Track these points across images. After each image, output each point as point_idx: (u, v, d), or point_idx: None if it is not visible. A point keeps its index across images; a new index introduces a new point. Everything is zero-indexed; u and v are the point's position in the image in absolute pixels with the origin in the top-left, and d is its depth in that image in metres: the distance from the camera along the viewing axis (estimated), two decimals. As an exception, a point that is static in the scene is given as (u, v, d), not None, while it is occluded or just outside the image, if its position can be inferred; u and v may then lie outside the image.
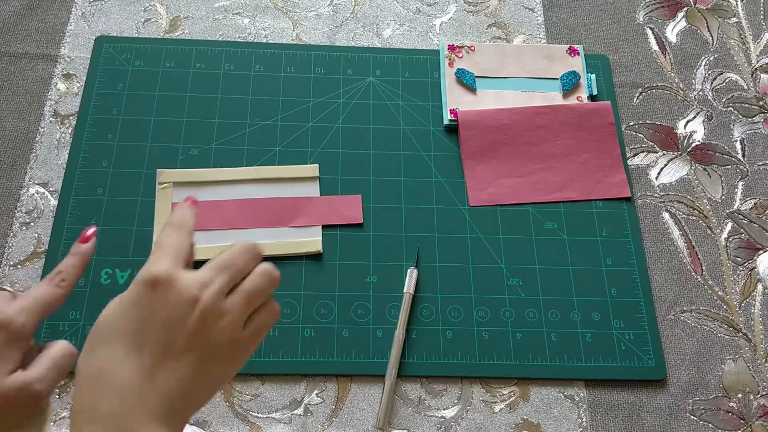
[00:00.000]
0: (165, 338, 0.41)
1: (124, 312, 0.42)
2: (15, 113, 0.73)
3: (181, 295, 0.42)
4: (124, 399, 0.40)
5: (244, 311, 0.44)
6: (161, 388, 0.41)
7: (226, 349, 0.43)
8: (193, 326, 0.42)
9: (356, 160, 0.73)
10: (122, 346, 0.41)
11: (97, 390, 0.41)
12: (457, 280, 0.68)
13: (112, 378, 0.41)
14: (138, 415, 0.40)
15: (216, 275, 0.44)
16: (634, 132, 0.78)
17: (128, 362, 0.41)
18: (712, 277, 0.71)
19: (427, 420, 0.62)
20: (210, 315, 0.43)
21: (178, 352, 0.42)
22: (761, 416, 0.64)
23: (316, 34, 0.80)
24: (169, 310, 0.42)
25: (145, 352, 0.41)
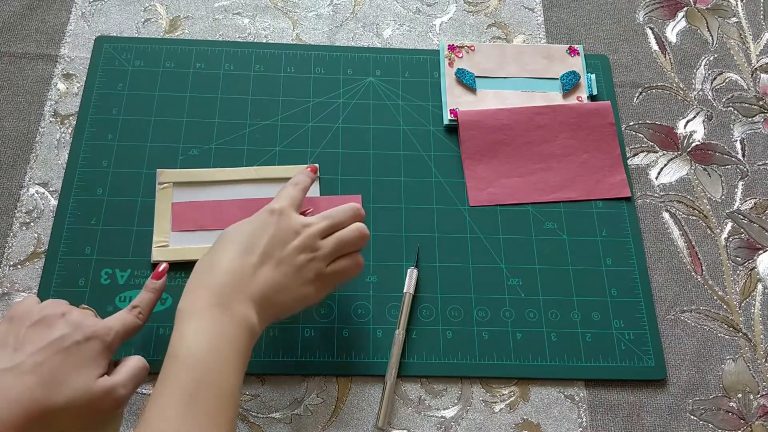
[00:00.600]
0: (269, 248, 0.55)
1: (243, 228, 0.56)
2: (15, 113, 0.73)
3: (288, 222, 0.56)
4: (230, 279, 0.52)
5: (333, 252, 0.57)
6: (259, 282, 0.53)
7: (311, 276, 0.56)
8: (290, 248, 0.55)
9: (356, 160, 0.73)
10: (238, 248, 0.54)
11: (212, 271, 0.53)
12: (457, 280, 0.68)
13: (225, 265, 0.53)
14: (238, 293, 0.52)
15: (319, 221, 0.58)
16: (634, 132, 0.78)
17: (240, 258, 0.54)
18: (712, 277, 0.71)
19: (427, 420, 0.62)
20: (305, 244, 0.56)
21: (277, 262, 0.54)
22: (761, 416, 0.64)
23: (316, 34, 0.80)
24: (276, 229, 0.56)
25: (254, 254, 0.54)
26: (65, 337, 0.50)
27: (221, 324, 0.50)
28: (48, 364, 0.49)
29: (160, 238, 0.67)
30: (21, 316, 0.52)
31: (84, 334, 0.51)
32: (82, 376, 0.49)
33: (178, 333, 0.50)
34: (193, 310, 0.51)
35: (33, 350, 0.49)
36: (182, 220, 0.68)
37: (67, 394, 0.48)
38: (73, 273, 0.65)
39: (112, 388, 0.50)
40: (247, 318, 0.51)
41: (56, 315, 0.52)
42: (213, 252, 0.55)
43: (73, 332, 0.51)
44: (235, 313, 0.51)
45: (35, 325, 0.51)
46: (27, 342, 0.50)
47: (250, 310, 0.52)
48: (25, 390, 0.47)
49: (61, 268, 0.65)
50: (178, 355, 0.49)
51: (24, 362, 0.49)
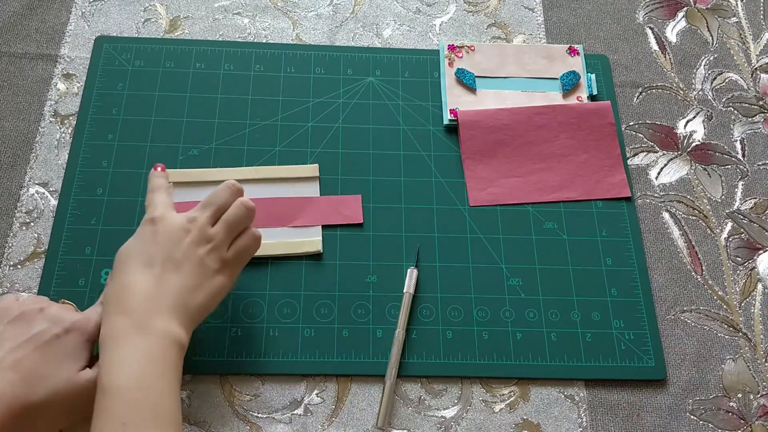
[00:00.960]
0: (167, 253, 0.54)
1: (133, 245, 0.55)
2: (15, 113, 0.73)
3: (173, 224, 0.55)
4: (143, 298, 0.51)
5: (227, 236, 0.57)
6: (169, 290, 0.52)
7: (216, 266, 0.55)
8: (185, 245, 0.54)
9: (356, 160, 0.73)
10: (137, 265, 0.53)
11: (122, 297, 0.52)
12: (457, 280, 0.68)
13: (133, 286, 0.52)
14: (155, 309, 0.51)
15: (201, 211, 0.57)
16: (634, 132, 0.78)
17: (143, 274, 0.53)
18: (712, 277, 0.71)
19: (427, 420, 0.62)
20: (199, 237, 0.55)
21: (177, 264, 0.53)
22: (761, 416, 0.64)
23: (316, 34, 0.80)
24: (165, 235, 0.54)
25: (155, 265, 0.53)
26: (44, 331, 0.51)
27: (144, 346, 0.49)
28: (28, 359, 0.49)
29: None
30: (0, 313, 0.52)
31: (63, 327, 0.51)
32: (64, 370, 0.50)
33: (104, 363, 0.49)
34: (115, 338, 0.50)
35: (12, 346, 0.50)
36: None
37: (49, 388, 0.49)
38: (73, 273, 0.65)
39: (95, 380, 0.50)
40: (169, 332, 0.51)
41: (35, 310, 0.52)
42: (115, 277, 0.54)
43: (52, 326, 0.51)
44: (157, 330, 0.50)
45: (14, 322, 0.51)
46: (6, 339, 0.50)
47: (171, 322, 0.51)
48: (6, 386, 0.48)
49: (61, 268, 0.65)
50: (106, 388, 0.47)
51: (3, 359, 0.49)
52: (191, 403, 0.61)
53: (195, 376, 0.62)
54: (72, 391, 0.50)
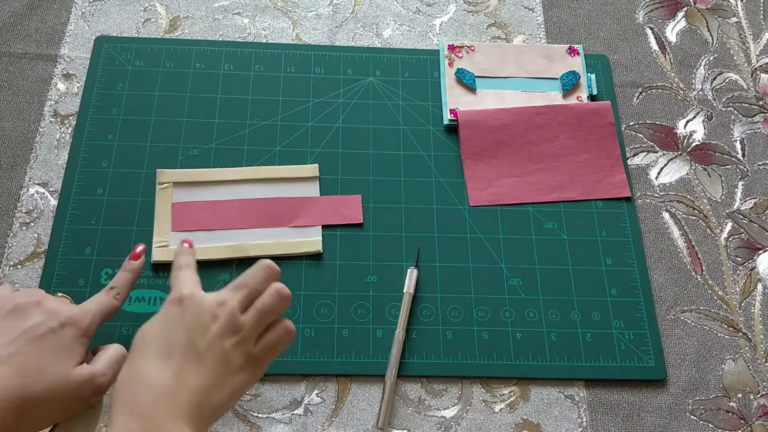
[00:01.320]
0: (188, 342, 0.48)
1: (155, 327, 0.49)
2: (15, 113, 0.73)
3: (201, 307, 0.49)
4: (157, 397, 0.45)
5: (257, 327, 0.51)
6: (187, 389, 0.46)
7: (240, 361, 0.49)
8: (211, 335, 0.48)
9: (356, 160, 0.73)
10: (155, 353, 0.47)
11: (134, 390, 0.46)
12: (457, 280, 0.68)
13: (147, 378, 0.46)
14: (167, 411, 0.45)
15: (233, 294, 0.51)
16: (634, 132, 0.78)
17: (159, 365, 0.47)
18: (712, 277, 0.71)
19: (427, 420, 0.62)
20: (226, 328, 0.49)
21: (200, 356, 0.47)
22: (761, 416, 0.64)
23: (316, 34, 0.80)
24: (191, 318, 0.49)
25: (173, 356, 0.47)
26: (39, 324, 0.49)
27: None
28: (23, 353, 0.48)
29: (160, 238, 0.67)
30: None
31: (59, 321, 0.50)
32: (59, 365, 0.49)
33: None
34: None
35: (7, 341, 0.48)
36: (182, 220, 0.67)
37: (44, 383, 0.48)
38: (73, 273, 0.65)
39: (91, 377, 0.49)
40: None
41: (30, 303, 0.51)
42: (131, 364, 0.48)
43: (48, 320, 0.50)
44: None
45: (9, 315, 0.50)
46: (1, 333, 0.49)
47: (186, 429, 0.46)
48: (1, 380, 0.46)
49: (61, 268, 0.65)
50: None
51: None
52: None
53: (195, 376, 0.62)
54: (67, 386, 0.48)
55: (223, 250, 0.66)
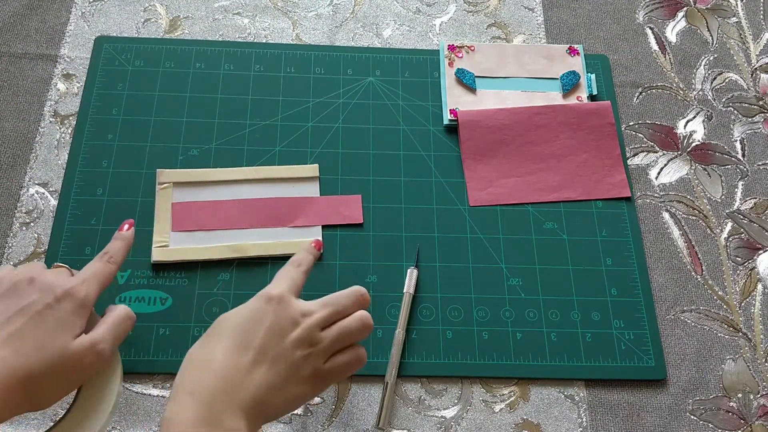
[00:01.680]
0: (265, 342, 0.50)
1: (238, 317, 0.51)
2: (15, 113, 0.73)
3: (287, 312, 0.51)
4: (222, 384, 0.48)
5: (332, 346, 0.53)
6: (251, 386, 0.48)
7: (307, 374, 0.51)
8: (287, 341, 0.51)
9: (356, 160, 0.73)
10: (232, 343, 0.50)
11: (203, 371, 0.48)
12: (457, 280, 0.68)
13: (218, 365, 0.48)
14: (229, 401, 0.47)
15: (320, 309, 0.53)
16: (634, 132, 0.78)
17: (233, 356, 0.49)
18: (712, 277, 0.71)
19: (427, 420, 0.62)
20: (304, 337, 0.51)
21: (271, 359, 0.50)
22: (761, 416, 0.64)
23: (316, 34, 0.80)
24: (274, 321, 0.51)
25: (248, 351, 0.49)
26: (36, 302, 0.49)
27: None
28: (21, 332, 0.48)
29: (160, 238, 0.67)
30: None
31: (55, 295, 0.50)
32: (58, 339, 0.49)
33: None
34: (179, 426, 0.46)
35: (3, 320, 0.48)
36: (182, 220, 0.67)
37: (45, 359, 0.48)
38: (73, 273, 0.65)
39: (91, 345, 0.50)
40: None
41: (25, 281, 0.51)
42: (204, 345, 0.51)
43: (43, 296, 0.50)
44: (224, 430, 0.46)
45: (5, 295, 0.50)
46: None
47: (241, 422, 0.47)
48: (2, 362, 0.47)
49: (61, 268, 0.65)
50: None
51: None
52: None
53: (195, 376, 0.62)
54: (68, 360, 0.49)
55: (223, 250, 0.66)
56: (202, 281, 0.66)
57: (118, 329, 0.52)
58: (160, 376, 0.62)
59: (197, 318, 0.64)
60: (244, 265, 0.67)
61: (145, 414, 0.60)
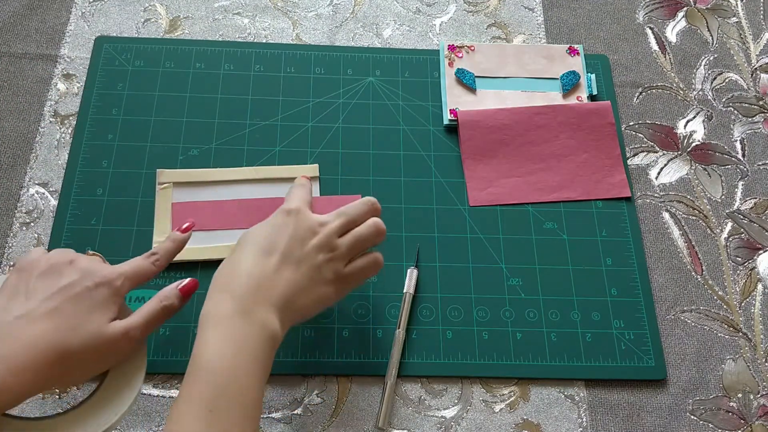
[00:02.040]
0: (289, 248, 0.55)
1: (262, 230, 0.57)
2: (15, 113, 0.73)
3: (305, 221, 0.57)
4: (252, 283, 0.53)
5: (350, 250, 0.58)
6: (279, 284, 0.53)
7: (330, 276, 0.56)
8: (309, 247, 0.56)
9: (356, 160, 0.73)
10: (258, 249, 0.55)
11: (233, 273, 0.54)
12: (457, 280, 0.68)
13: (246, 268, 0.54)
14: (259, 297, 0.52)
15: (335, 218, 0.58)
16: (634, 132, 0.78)
17: (260, 259, 0.54)
18: (712, 277, 0.71)
19: (427, 420, 0.62)
20: (323, 243, 0.56)
21: (296, 262, 0.55)
22: (761, 416, 0.64)
23: (316, 34, 0.80)
24: (295, 229, 0.56)
25: (273, 255, 0.54)
26: (75, 283, 0.52)
27: (244, 332, 0.50)
28: (60, 309, 0.50)
29: (160, 238, 0.67)
30: (29, 266, 0.53)
31: (94, 280, 0.52)
32: (94, 321, 0.51)
33: (201, 340, 0.50)
34: (216, 317, 0.51)
35: (44, 297, 0.50)
36: (182, 220, 0.67)
37: (82, 337, 0.50)
38: (73, 273, 0.65)
39: (125, 331, 0.52)
40: (269, 325, 0.52)
41: (64, 263, 0.53)
42: (234, 255, 0.56)
43: (83, 279, 0.52)
44: (258, 320, 0.51)
45: (44, 274, 0.52)
46: (38, 290, 0.51)
47: (272, 315, 0.52)
48: (40, 334, 0.48)
49: (61, 268, 0.65)
50: (200, 364, 0.49)
51: (36, 308, 0.50)
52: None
53: (195, 376, 0.62)
54: (102, 341, 0.51)
55: (223, 250, 0.66)
56: (202, 281, 0.65)
57: (151, 319, 0.54)
58: (160, 376, 0.62)
59: (197, 318, 0.64)
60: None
61: (145, 414, 0.60)
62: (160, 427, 0.60)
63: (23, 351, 0.47)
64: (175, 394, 0.61)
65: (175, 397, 0.61)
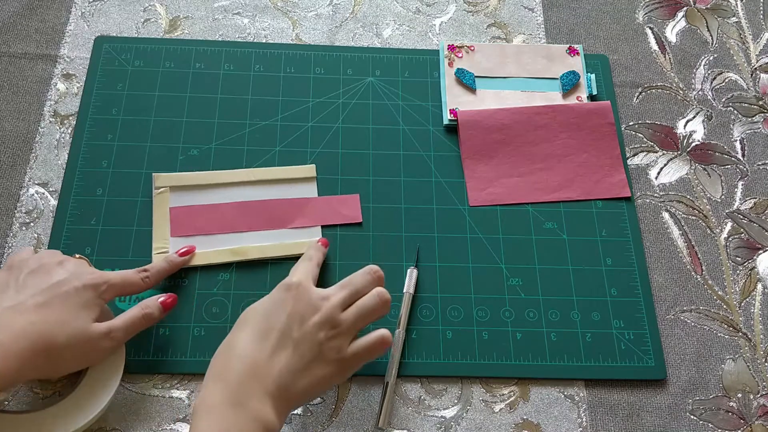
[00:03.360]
0: (286, 327, 0.53)
1: (259, 307, 0.55)
2: (15, 113, 0.73)
3: (306, 297, 0.55)
4: (247, 369, 0.51)
5: (354, 326, 0.55)
6: (274, 370, 0.52)
7: (332, 355, 0.54)
8: (308, 325, 0.53)
9: (356, 160, 0.73)
10: (254, 332, 0.53)
11: (227, 360, 0.52)
12: (457, 280, 0.68)
13: (241, 352, 0.52)
14: (255, 386, 0.51)
15: (337, 291, 0.56)
16: (634, 132, 0.78)
17: (256, 342, 0.52)
18: (712, 277, 0.71)
19: (427, 420, 0.62)
20: (326, 319, 0.54)
21: (295, 342, 0.53)
22: (761, 416, 0.64)
23: (316, 34, 0.80)
24: (294, 306, 0.54)
25: (270, 337, 0.53)
26: (64, 282, 0.54)
27: (236, 425, 0.49)
28: (49, 304, 0.53)
29: (160, 244, 0.66)
30: (19, 264, 0.56)
31: (82, 282, 0.55)
32: (79, 320, 0.53)
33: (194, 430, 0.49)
34: (208, 408, 0.50)
35: (34, 292, 0.53)
36: (181, 226, 0.67)
37: (68, 333, 0.52)
38: (73, 273, 0.65)
39: (108, 331, 0.55)
40: (263, 417, 0.50)
41: (54, 263, 0.56)
42: (231, 337, 0.54)
43: (72, 279, 0.55)
44: (251, 411, 0.49)
45: (34, 272, 0.55)
46: (28, 286, 0.54)
47: (267, 406, 0.50)
48: (29, 325, 0.51)
49: (61, 269, 0.65)
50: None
51: (26, 301, 0.52)
52: (191, 403, 0.61)
53: (195, 376, 0.62)
54: (86, 338, 0.53)
55: (223, 253, 0.66)
56: (201, 281, 0.66)
57: (131, 325, 0.57)
58: (160, 376, 0.62)
59: (197, 318, 0.64)
60: (243, 265, 0.67)
61: (145, 414, 0.60)
62: (161, 427, 0.60)
63: (13, 338, 0.50)
64: (175, 394, 0.61)
65: (174, 397, 0.61)
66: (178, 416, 0.60)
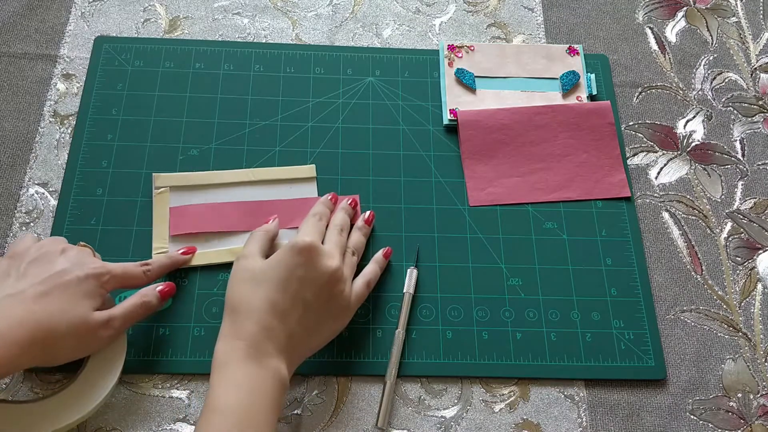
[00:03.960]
0: (300, 290, 0.56)
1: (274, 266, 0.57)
2: (15, 113, 0.73)
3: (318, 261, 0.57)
4: (262, 328, 0.54)
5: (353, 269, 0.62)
6: (288, 328, 0.55)
7: (339, 309, 0.59)
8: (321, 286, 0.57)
9: (356, 160, 0.73)
10: (269, 289, 0.55)
11: (243, 315, 0.55)
12: (457, 280, 0.68)
13: (257, 310, 0.55)
14: (269, 344, 0.54)
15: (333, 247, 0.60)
16: (634, 132, 0.78)
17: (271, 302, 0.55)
18: (712, 277, 0.71)
19: (427, 420, 0.62)
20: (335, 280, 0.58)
21: (306, 306, 0.56)
22: (761, 416, 0.64)
23: (316, 34, 0.80)
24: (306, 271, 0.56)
25: (285, 297, 0.55)
26: (65, 271, 0.54)
27: (257, 378, 0.52)
28: (50, 293, 0.53)
29: (159, 244, 0.66)
30: (21, 252, 0.56)
31: (84, 272, 0.55)
32: (80, 308, 0.54)
33: (214, 384, 0.52)
34: (228, 362, 0.53)
35: (35, 281, 0.53)
36: (181, 226, 0.67)
37: (68, 322, 0.52)
38: (73, 273, 0.65)
39: (107, 319, 0.55)
40: (277, 372, 0.53)
41: (56, 252, 0.56)
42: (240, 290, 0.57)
43: (73, 268, 0.55)
44: (269, 366, 0.53)
45: (36, 261, 0.55)
46: (29, 275, 0.54)
47: (281, 363, 0.54)
48: (29, 313, 0.51)
49: (61, 269, 0.65)
50: (215, 406, 0.50)
51: (27, 290, 0.53)
52: (191, 403, 0.61)
53: (195, 376, 0.62)
54: (86, 327, 0.53)
55: (223, 254, 0.66)
56: (201, 281, 0.66)
57: (130, 314, 0.57)
58: (160, 376, 0.62)
59: (197, 318, 0.64)
60: (244, 265, 0.67)
61: (145, 414, 0.60)
62: (161, 427, 0.60)
63: (10, 328, 0.50)
64: (174, 394, 0.61)
65: (174, 397, 0.61)
66: (178, 416, 0.60)
